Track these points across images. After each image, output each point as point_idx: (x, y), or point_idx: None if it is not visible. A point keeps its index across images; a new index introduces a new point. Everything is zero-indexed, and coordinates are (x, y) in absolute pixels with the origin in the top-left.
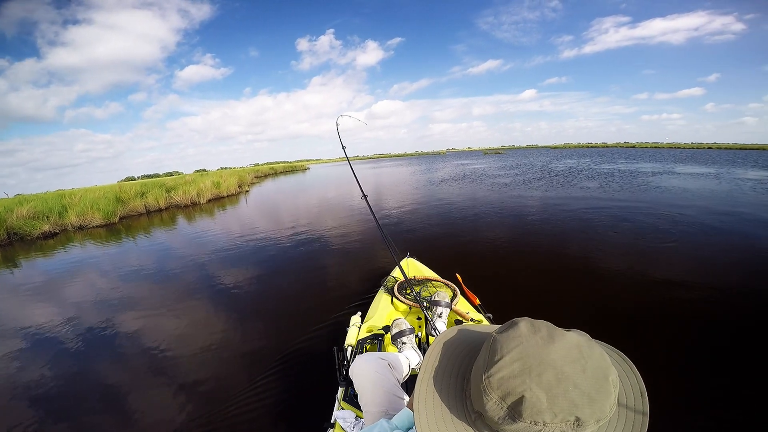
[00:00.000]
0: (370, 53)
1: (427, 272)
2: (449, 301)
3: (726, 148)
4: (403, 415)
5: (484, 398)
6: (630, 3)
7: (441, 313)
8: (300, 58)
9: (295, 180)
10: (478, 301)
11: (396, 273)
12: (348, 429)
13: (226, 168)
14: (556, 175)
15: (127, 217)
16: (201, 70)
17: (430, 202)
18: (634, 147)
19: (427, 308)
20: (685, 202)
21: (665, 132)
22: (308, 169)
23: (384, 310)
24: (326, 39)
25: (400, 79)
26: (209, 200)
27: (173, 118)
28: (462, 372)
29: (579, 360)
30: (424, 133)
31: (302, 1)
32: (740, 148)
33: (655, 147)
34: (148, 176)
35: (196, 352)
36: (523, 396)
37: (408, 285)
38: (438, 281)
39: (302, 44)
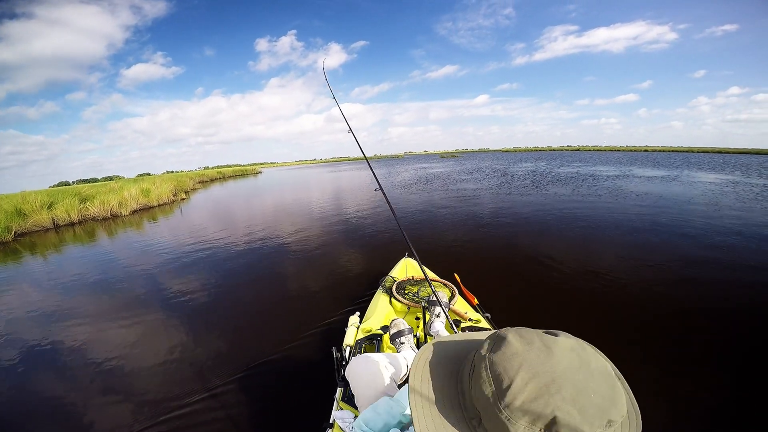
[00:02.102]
0: (333, 56)
1: (426, 272)
2: (447, 301)
3: (661, 151)
4: (404, 392)
5: (512, 428)
6: (579, 12)
7: (439, 313)
8: (258, 59)
9: (246, 185)
10: (476, 301)
11: (394, 273)
12: (346, 429)
13: (172, 171)
14: (522, 179)
15: (29, 233)
16: (150, 68)
17: (405, 204)
18: (578, 150)
19: (426, 308)
20: (657, 208)
21: (603, 136)
22: (260, 173)
23: (382, 311)
24: (287, 40)
25: (362, 82)
26: (135, 211)
27: (116, 119)
28: (451, 395)
29: (583, 365)
30: (384, 137)
31: (264, 1)
32: (672, 150)
33: (596, 150)
34: (86, 181)
35: (196, 354)
36: (555, 416)
37: (406, 285)
38: (436, 281)
39: (262, 45)
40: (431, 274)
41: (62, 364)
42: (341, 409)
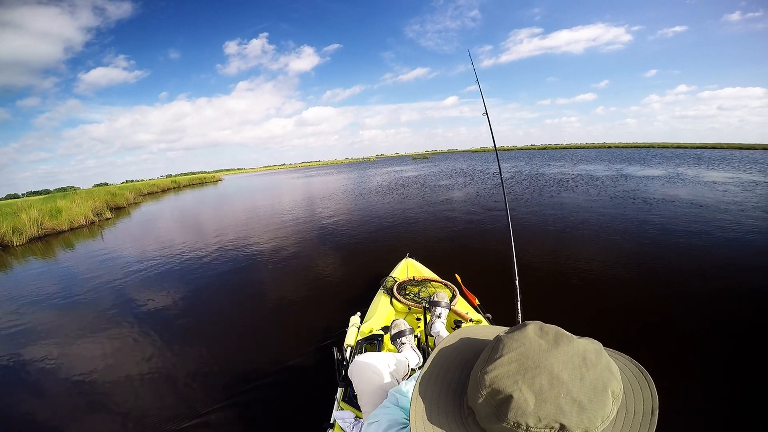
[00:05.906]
0: (306, 59)
1: (426, 273)
2: (448, 302)
3: (623, 147)
4: (411, 382)
5: (476, 394)
6: (543, 15)
7: (440, 314)
8: (227, 62)
9: (205, 195)
10: (477, 302)
11: (395, 273)
12: (347, 429)
13: (132, 181)
14: (513, 181)
15: None
16: (111, 72)
17: (386, 209)
18: (544, 149)
19: (427, 309)
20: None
21: (564, 134)
22: (221, 180)
23: (383, 311)
24: (258, 43)
25: (333, 85)
26: (36, 239)
27: (71, 126)
28: (465, 369)
29: (580, 368)
30: (355, 140)
31: (233, 4)
32: (633, 146)
33: (561, 148)
34: (37, 192)
35: (199, 354)
36: (511, 396)
37: (407, 285)
38: (437, 281)
39: (231, 47)
40: (432, 275)
41: None
42: (342, 409)
